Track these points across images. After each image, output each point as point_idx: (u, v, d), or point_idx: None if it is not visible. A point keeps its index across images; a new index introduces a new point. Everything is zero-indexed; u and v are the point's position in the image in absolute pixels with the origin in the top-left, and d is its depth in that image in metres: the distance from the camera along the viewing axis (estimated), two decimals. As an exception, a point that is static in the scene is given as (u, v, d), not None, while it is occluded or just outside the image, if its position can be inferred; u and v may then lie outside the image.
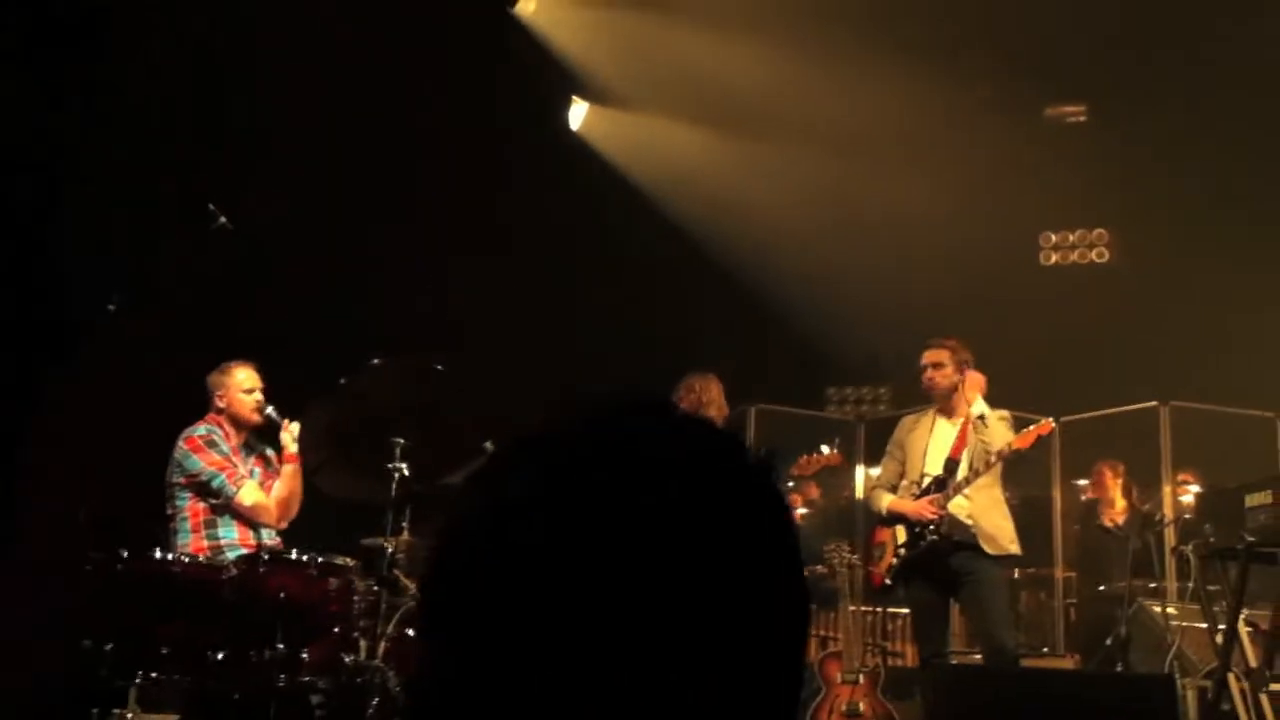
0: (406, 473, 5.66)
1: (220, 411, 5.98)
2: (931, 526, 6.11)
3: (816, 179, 10.01)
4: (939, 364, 6.33)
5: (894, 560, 6.29)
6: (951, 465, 6.21)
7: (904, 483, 6.38)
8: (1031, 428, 6.13)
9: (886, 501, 6.36)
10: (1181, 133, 9.78)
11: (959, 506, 6.14)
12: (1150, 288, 9.75)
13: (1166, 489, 7.92)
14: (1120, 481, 8.42)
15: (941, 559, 6.14)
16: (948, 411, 6.37)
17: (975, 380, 6.28)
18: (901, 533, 6.28)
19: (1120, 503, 8.36)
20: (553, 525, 0.79)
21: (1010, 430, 6.22)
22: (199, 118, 7.54)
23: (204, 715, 5.06)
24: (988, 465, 6.09)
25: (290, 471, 5.99)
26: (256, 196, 7.03)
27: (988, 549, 6.10)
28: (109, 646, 4.98)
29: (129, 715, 5.36)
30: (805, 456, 6.41)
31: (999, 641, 6.03)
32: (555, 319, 9.59)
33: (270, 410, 5.99)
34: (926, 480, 6.26)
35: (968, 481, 6.11)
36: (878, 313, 9.15)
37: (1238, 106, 9.75)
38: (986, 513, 6.14)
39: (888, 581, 6.36)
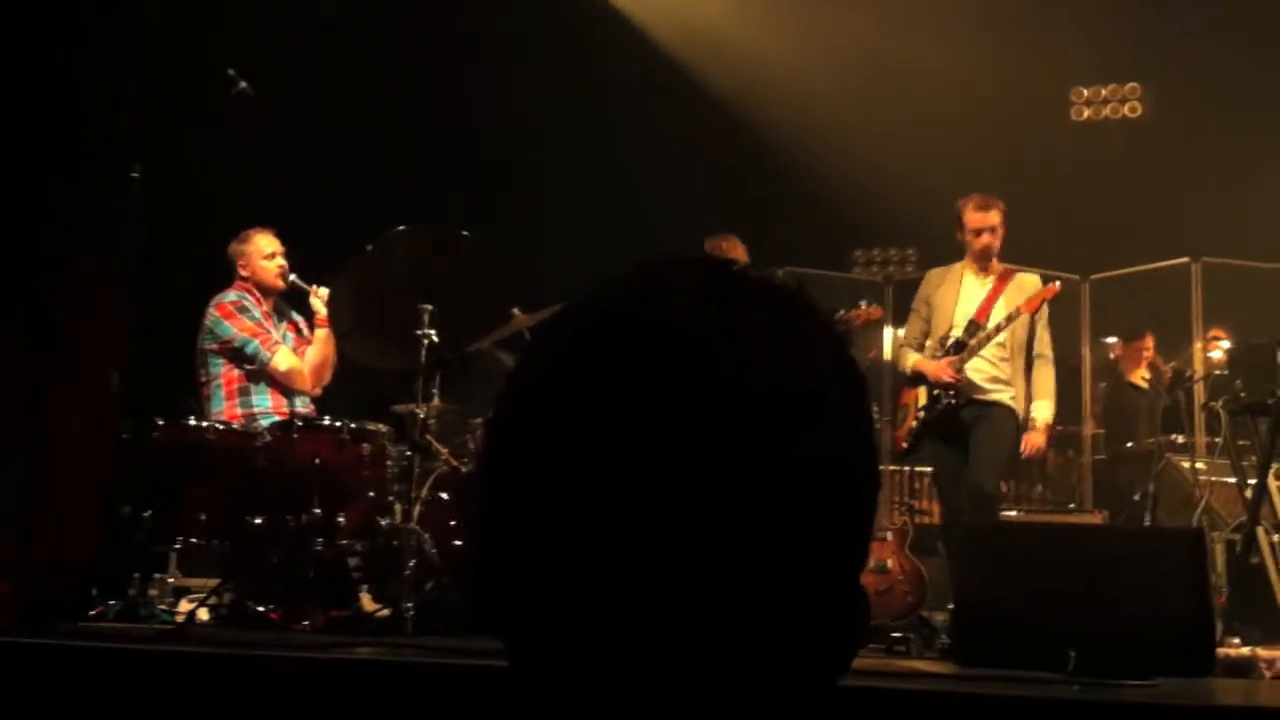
0: (436, 339, 5.66)
1: (246, 280, 5.97)
2: (949, 390, 6.12)
3: (840, 36, 9.79)
4: (996, 228, 6.20)
5: (914, 423, 6.30)
6: (974, 328, 6.18)
7: (929, 343, 6.37)
8: (1035, 293, 6.12)
9: (912, 360, 6.35)
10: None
11: (981, 371, 6.13)
12: (1184, 142, 9.56)
13: (1197, 345, 7.86)
14: (1151, 353, 8.45)
15: (958, 417, 6.16)
16: (979, 268, 6.30)
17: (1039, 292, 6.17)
18: (923, 394, 6.30)
19: (1143, 369, 8.40)
20: (625, 385, 0.75)
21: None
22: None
23: (244, 578, 5.17)
24: (998, 330, 6.09)
25: (324, 336, 5.98)
26: (276, 63, 6.92)
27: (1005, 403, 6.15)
28: (147, 513, 5.06)
29: (170, 579, 5.49)
30: (844, 311, 6.29)
31: (978, 480, 5.97)
32: (579, 183, 9.50)
33: (294, 276, 5.98)
34: (952, 338, 6.24)
35: (983, 343, 6.10)
36: (905, 173, 9.01)
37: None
38: (1009, 384, 6.15)
39: (905, 445, 6.39)
